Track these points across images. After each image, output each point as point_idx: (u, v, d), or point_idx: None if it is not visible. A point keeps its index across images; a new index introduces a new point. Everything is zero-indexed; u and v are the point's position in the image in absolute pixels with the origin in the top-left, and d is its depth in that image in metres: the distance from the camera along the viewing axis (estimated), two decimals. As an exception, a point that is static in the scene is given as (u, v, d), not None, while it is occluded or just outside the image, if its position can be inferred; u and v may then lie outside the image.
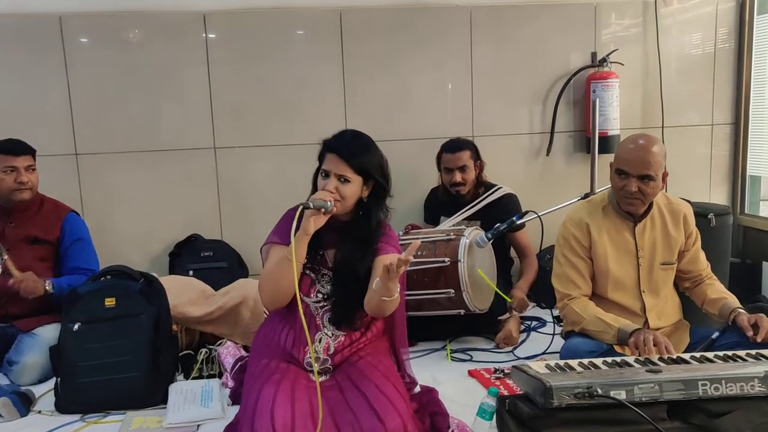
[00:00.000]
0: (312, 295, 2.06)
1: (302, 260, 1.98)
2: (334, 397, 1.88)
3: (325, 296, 2.06)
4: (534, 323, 3.20)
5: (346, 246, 2.04)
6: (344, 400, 1.86)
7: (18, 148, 2.78)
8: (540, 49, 3.68)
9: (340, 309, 2.04)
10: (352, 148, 1.99)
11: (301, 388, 1.90)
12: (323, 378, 2.01)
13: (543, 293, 3.26)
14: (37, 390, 2.50)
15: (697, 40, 3.83)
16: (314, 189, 2.06)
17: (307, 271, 2.06)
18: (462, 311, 2.78)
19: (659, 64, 3.72)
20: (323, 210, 1.91)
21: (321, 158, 2.04)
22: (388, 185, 2.08)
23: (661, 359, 2.02)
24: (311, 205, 1.89)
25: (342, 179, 1.97)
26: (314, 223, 1.91)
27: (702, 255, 2.51)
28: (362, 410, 1.80)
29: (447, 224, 3.14)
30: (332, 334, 2.06)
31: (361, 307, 2.01)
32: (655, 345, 2.10)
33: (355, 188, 1.99)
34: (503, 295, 2.86)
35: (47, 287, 2.66)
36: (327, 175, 1.99)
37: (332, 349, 2.06)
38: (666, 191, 2.52)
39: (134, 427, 2.18)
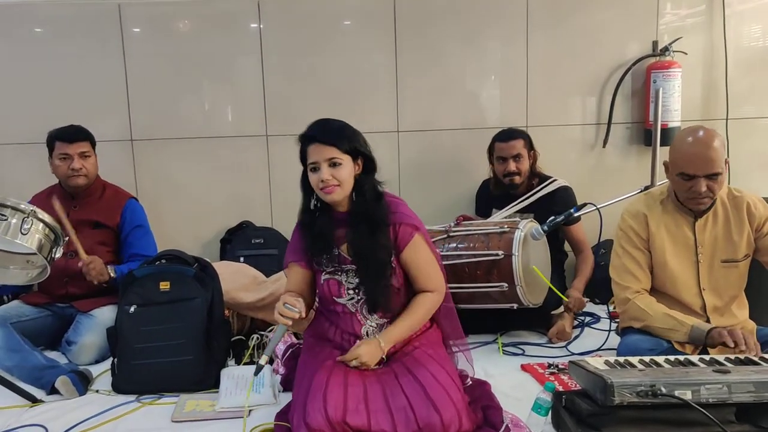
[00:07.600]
0: (344, 296, 2.06)
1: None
2: (388, 381, 1.87)
3: (357, 290, 2.05)
4: (588, 319, 3.11)
5: (355, 236, 2.01)
6: (399, 385, 1.85)
7: (71, 135, 2.83)
8: (598, 38, 3.57)
9: (372, 296, 2.03)
10: (330, 131, 1.98)
11: (354, 373, 1.90)
12: (377, 367, 2.00)
13: (598, 289, 3.19)
14: (95, 370, 2.56)
15: (763, 29, 3.65)
16: (304, 193, 2.07)
17: (332, 276, 2.06)
18: (515, 305, 2.72)
19: (725, 53, 3.56)
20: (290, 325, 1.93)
21: (303, 156, 2.01)
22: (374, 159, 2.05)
23: (728, 359, 1.93)
24: (262, 361, 1.92)
25: (332, 163, 1.95)
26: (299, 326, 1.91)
27: None
28: (417, 398, 1.78)
29: (499, 216, 3.07)
30: (376, 324, 2.07)
31: (391, 287, 2.01)
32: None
33: (348, 169, 1.97)
34: (559, 294, 2.78)
35: (111, 273, 2.74)
36: (316, 168, 1.96)
37: None
38: (729, 182, 2.40)
39: (188, 409, 2.21)
